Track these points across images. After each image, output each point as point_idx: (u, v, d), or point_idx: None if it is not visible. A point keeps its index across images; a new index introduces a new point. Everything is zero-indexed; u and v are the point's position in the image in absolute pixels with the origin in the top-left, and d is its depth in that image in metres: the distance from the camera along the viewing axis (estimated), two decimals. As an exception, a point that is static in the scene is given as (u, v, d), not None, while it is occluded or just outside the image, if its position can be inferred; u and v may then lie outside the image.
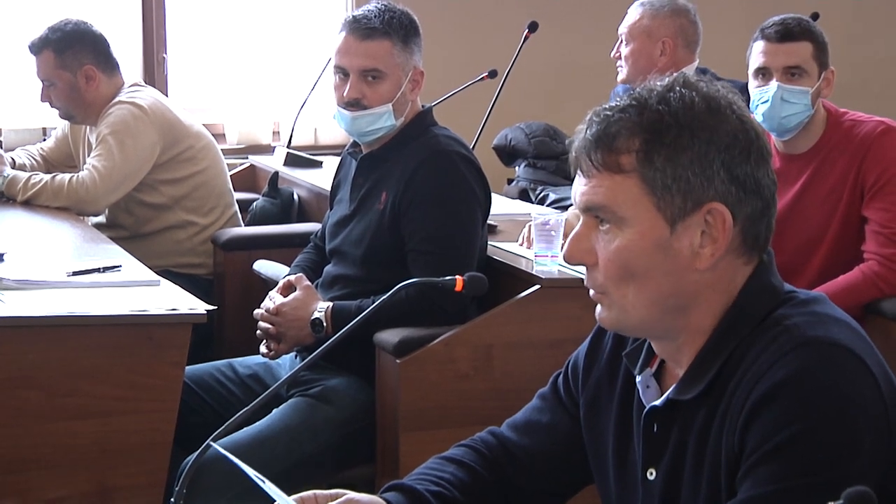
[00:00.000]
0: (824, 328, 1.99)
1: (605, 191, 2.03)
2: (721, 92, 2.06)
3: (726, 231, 2.02)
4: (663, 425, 2.10)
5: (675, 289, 2.04)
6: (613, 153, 2.02)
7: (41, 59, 5.09)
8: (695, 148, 2.01)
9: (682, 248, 2.02)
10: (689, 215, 2.01)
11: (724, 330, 2.05)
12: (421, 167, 3.86)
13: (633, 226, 2.02)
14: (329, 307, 3.82)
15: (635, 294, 2.04)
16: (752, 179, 2.04)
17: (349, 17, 3.97)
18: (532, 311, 3.80)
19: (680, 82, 2.05)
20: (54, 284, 3.78)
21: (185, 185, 5.16)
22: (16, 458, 3.41)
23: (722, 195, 2.01)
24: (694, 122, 2.01)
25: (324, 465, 3.68)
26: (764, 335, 2.01)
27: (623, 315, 2.07)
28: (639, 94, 2.05)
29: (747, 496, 1.92)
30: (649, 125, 2.01)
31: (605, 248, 2.04)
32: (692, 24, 5.32)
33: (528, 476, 2.33)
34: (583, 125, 2.06)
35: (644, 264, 2.02)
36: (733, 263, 2.05)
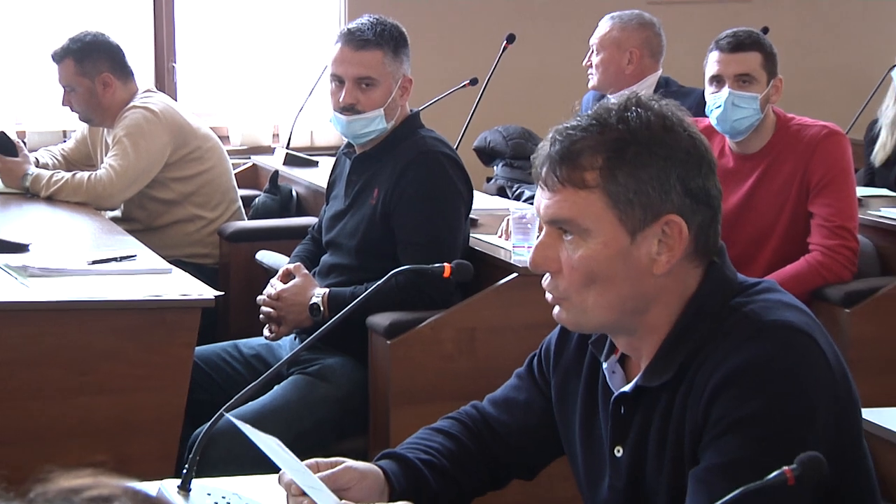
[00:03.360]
0: (778, 313, 2.01)
1: (571, 205, 2.02)
2: (672, 110, 2.06)
3: (682, 240, 2.02)
4: (630, 408, 2.10)
5: (634, 292, 2.04)
6: (578, 170, 2.01)
7: (62, 67, 5.10)
8: (654, 164, 2.01)
9: (640, 255, 2.02)
10: (648, 226, 2.01)
11: (683, 324, 2.05)
12: (409, 166, 3.87)
13: (597, 237, 2.02)
14: (326, 293, 3.83)
15: (595, 298, 2.04)
16: (703, 191, 2.04)
17: (344, 29, 3.98)
18: (510, 297, 3.81)
19: (634, 102, 2.05)
20: (75, 272, 3.79)
21: (194, 183, 5.16)
22: (40, 430, 3.43)
23: (678, 207, 2.02)
24: (652, 140, 2.02)
25: (321, 436, 3.69)
26: (724, 323, 2.02)
27: (582, 317, 2.07)
28: (598, 114, 2.04)
29: (710, 464, 1.94)
30: (611, 143, 2.01)
31: (570, 257, 2.04)
32: (657, 36, 5.34)
33: (506, 447, 2.34)
34: (546, 142, 2.06)
35: (605, 271, 2.02)
36: (686, 267, 2.05)
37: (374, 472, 2.20)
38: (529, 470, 2.38)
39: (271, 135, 6.77)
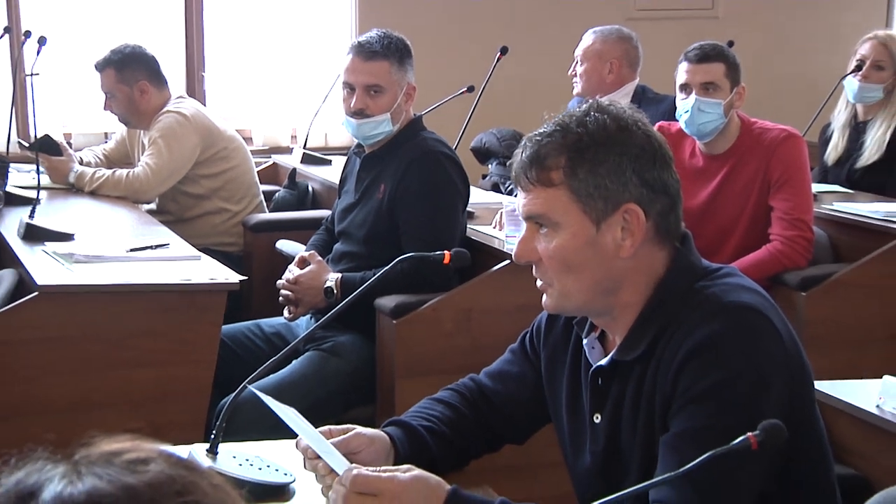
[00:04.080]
0: (737, 295, 2.02)
1: (542, 202, 2.04)
2: (628, 112, 2.08)
3: (641, 226, 2.04)
4: (606, 379, 2.11)
5: (605, 275, 2.05)
6: (545, 170, 2.03)
7: (104, 76, 5.10)
8: (610, 160, 2.02)
9: (606, 242, 2.04)
10: (610, 215, 2.03)
11: (653, 303, 2.06)
12: (413, 165, 3.87)
13: (566, 228, 2.04)
14: (338, 278, 3.83)
15: (573, 282, 2.05)
16: (660, 181, 2.06)
17: (355, 42, 3.98)
18: (503, 282, 3.80)
19: (594, 108, 2.07)
20: (115, 259, 3.79)
21: (220, 179, 5.16)
22: (83, 400, 3.43)
23: (636, 197, 2.03)
24: (607, 139, 2.03)
25: (334, 406, 3.69)
26: (688, 303, 2.03)
27: (565, 300, 2.08)
28: (561, 121, 2.06)
29: (679, 430, 1.95)
30: (572, 145, 2.03)
31: (546, 248, 2.06)
32: (634, 48, 5.35)
33: (500, 415, 2.34)
34: (519, 149, 2.08)
35: (578, 258, 2.04)
36: (651, 250, 2.07)
37: (381, 437, 2.20)
38: (521, 436, 2.39)
39: (289, 136, 6.77)
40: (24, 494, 0.95)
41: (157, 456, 1.00)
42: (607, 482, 2.04)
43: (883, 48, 5.20)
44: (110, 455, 0.99)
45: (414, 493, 1.91)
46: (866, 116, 5.28)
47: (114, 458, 0.99)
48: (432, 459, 2.18)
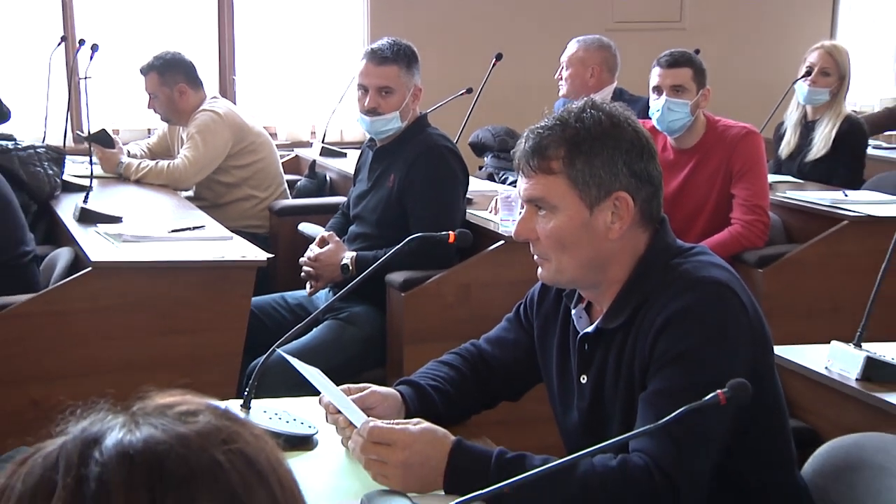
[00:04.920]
0: (707, 271, 2.02)
1: (542, 187, 2.04)
2: (619, 111, 2.08)
3: (629, 211, 2.04)
4: (592, 345, 2.11)
5: (596, 253, 2.05)
6: (546, 160, 2.03)
7: (148, 79, 5.10)
8: (604, 153, 2.02)
9: (598, 225, 2.04)
10: (603, 201, 2.03)
11: (635, 278, 2.07)
12: (419, 157, 3.87)
13: (563, 211, 2.04)
14: (353, 256, 3.82)
15: (567, 259, 2.06)
16: (646, 172, 2.06)
17: (368, 49, 3.97)
18: (499, 260, 3.81)
19: (590, 105, 2.07)
20: (158, 239, 3.80)
21: (249, 170, 5.16)
22: (131, 362, 3.44)
23: (625, 186, 2.04)
24: (602, 134, 2.03)
25: (350, 368, 3.68)
26: (665, 278, 2.03)
27: (559, 274, 2.09)
28: (561, 116, 2.06)
29: (656, 389, 1.95)
30: (570, 138, 2.03)
31: (544, 228, 2.06)
32: (613, 56, 5.34)
33: (497, 376, 2.34)
34: (522, 139, 2.08)
35: (572, 238, 2.04)
36: (635, 232, 2.07)
37: (393, 395, 2.21)
38: (515, 394, 2.39)
39: (310, 132, 6.77)
40: (88, 441, 0.95)
41: (205, 408, 1.00)
42: (592, 435, 2.04)
43: (829, 56, 5.21)
44: (164, 407, 0.99)
45: (423, 443, 1.92)
46: (814, 116, 5.28)
47: (167, 409, 0.99)
48: (438, 414, 2.18)
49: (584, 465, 1.88)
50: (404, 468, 1.90)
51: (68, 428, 0.97)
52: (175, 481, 0.92)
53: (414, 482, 1.90)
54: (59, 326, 3.42)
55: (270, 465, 0.98)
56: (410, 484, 1.90)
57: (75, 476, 0.92)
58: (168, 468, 0.93)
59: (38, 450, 0.96)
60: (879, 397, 2.43)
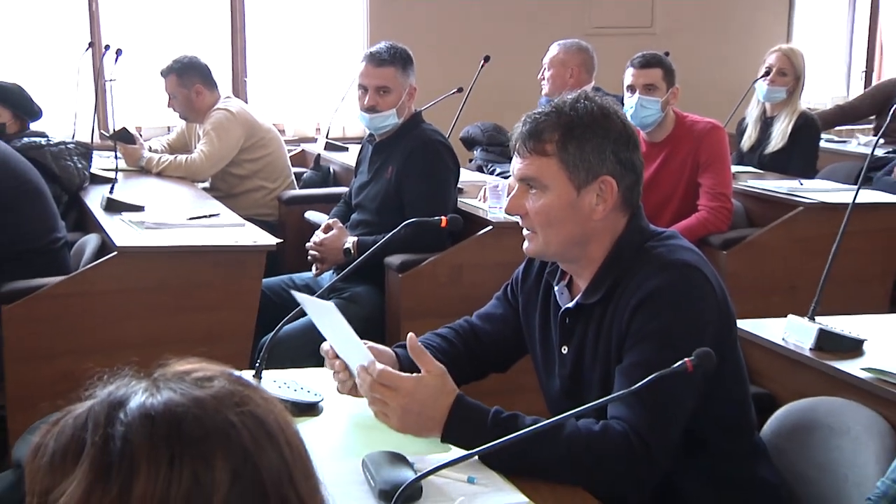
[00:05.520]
0: (678, 254, 2.02)
1: (535, 167, 2.03)
2: (610, 104, 2.08)
3: (613, 195, 2.04)
4: (573, 319, 2.11)
5: (579, 231, 2.05)
6: (541, 142, 2.03)
7: (168, 80, 5.08)
8: (594, 140, 2.02)
9: (584, 205, 2.03)
10: (590, 184, 2.03)
11: (612, 257, 2.06)
12: (415, 150, 3.86)
13: (553, 190, 2.03)
14: (355, 240, 3.82)
15: (553, 234, 2.05)
16: (630, 161, 2.05)
17: (368, 52, 3.97)
18: (487, 243, 3.81)
19: (583, 96, 2.07)
20: (177, 225, 3.79)
21: (260, 163, 5.14)
22: (153, 338, 3.43)
23: (611, 171, 2.03)
24: (594, 123, 2.02)
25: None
26: (640, 259, 2.03)
27: (544, 247, 2.08)
28: (557, 104, 2.06)
29: (631, 361, 1.95)
30: (564, 124, 2.02)
31: (534, 205, 2.05)
32: (591, 58, 5.33)
33: (486, 348, 2.33)
34: (519, 123, 2.07)
35: (559, 215, 2.03)
36: (616, 215, 2.06)
37: (388, 352, 2.21)
38: (503, 365, 2.38)
39: (315, 128, 6.75)
40: (114, 403, 0.95)
41: (220, 374, 1.00)
42: (573, 400, 2.04)
43: (786, 58, 5.22)
44: (182, 373, 1.00)
45: (426, 391, 1.92)
46: (773, 112, 5.28)
47: (185, 375, 0.99)
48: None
49: (569, 428, 1.88)
50: (402, 412, 1.90)
51: (96, 392, 0.98)
52: (192, 439, 0.93)
53: (410, 426, 1.91)
54: (88, 306, 3.42)
55: (279, 425, 0.98)
56: (407, 426, 1.91)
57: (102, 435, 0.93)
58: (186, 428, 0.93)
59: (68, 412, 0.97)
60: (831, 365, 2.44)
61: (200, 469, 0.91)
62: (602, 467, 1.87)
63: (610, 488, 1.86)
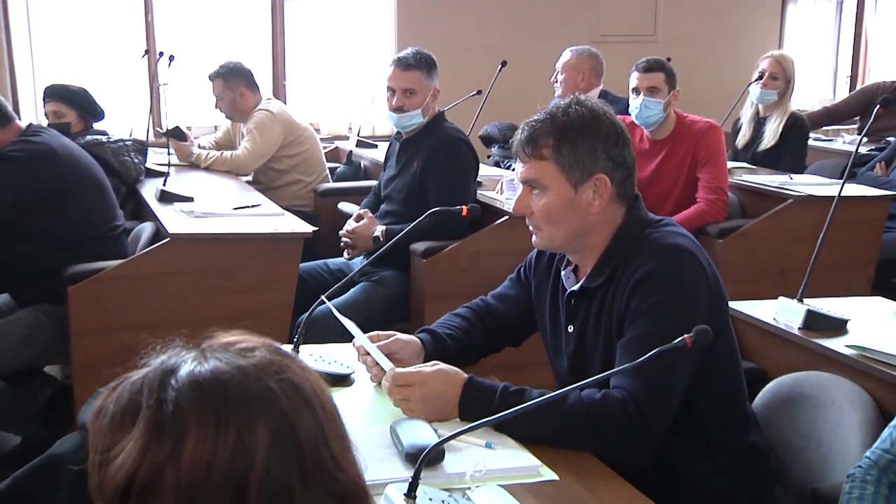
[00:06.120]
0: (672, 239, 2.02)
1: (535, 171, 2.04)
2: (599, 106, 2.07)
3: (608, 190, 2.03)
4: (578, 300, 2.11)
5: (580, 225, 2.05)
6: (538, 148, 2.03)
7: (215, 84, 5.09)
8: (586, 141, 2.02)
9: (581, 202, 2.03)
10: (585, 182, 2.02)
11: (613, 245, 2.06)
12: (438, 147, 3.85)
13: (552, 190, 2.03)
14: (384, 229, 3.82)
15: (556, 230, 2.06)
16: (621, 157, 2.05)
17: (395, 57, 3.96)
18: (503, 232, 3.80)
19: (575, 101, 2.06)
20: (223, 215, 3.80)
21: (297, 158, 5.14)
22: (201, 316, 3.45)
23: (604, 169, 2.03)
24: (584, 126, 2.02)
25: (380, 321, 3.64)
26: (638, 245, 2.03)
27: (550, 242, 2.09)
28: (551, 111, 2.06)
29: (631, 336, 1.95)
30: (558, 129, 2.02)
31: (537, 205, 2.05)
32: (600, 63, 5.30)
33: (501, 325, 2.34)
34: (518, 131, 2.08)
35: (560, 213, 2.04)
36: (612, 207, 2.06)
37: (414, 341, 2.21)
38: (516, 341, 2.38)
39: (347, 127, 6.75)
40: (167, 371, 0.96)
41: (261, 345, 1.01)
42: (578, 374, 2.05)
43: (777, 64, 5.18)
44: (227, 344, 1.00)
45: (437, 381, 1.93)
46: (765, 113, 5.26)
47: (230, 346, 1.00)
48: (451, 357, 2.18)
49: (573, 398, 1.88)
50: (423, 402, 1.91)
51: (150, 361, 0.99)
52: (236, 403, 0.93)
53: (433, 413, 1.91)
54: (143, 286, 3.43)
55: (314, 392, 0.98)
56: (430, 414, 1.91)
57: (156, 399, 0.94)
58: (230, 393, 0.94)
59: (126, 379, 0.98)
60: (817, 342, 2.43)
61: (244, 430, 0.92)
62: (602, 433, 1.86)
63: (611, 453, 1.85)
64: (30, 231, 3.39)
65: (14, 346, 3.39)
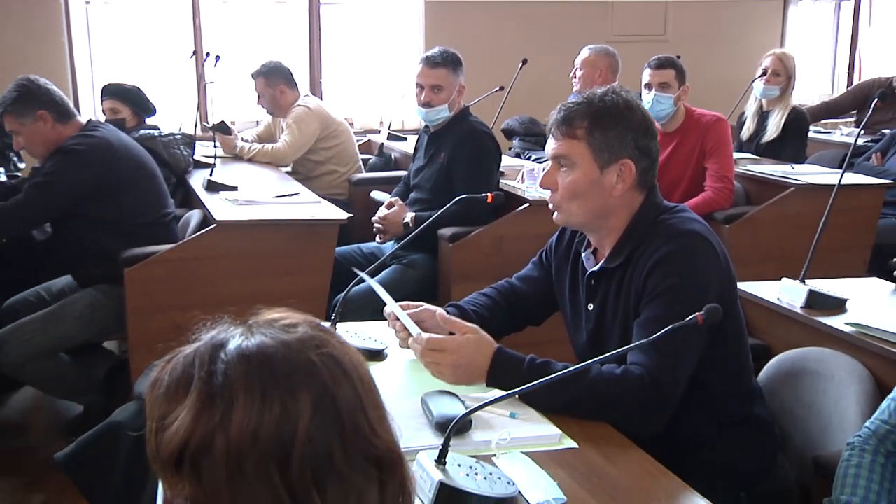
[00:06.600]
0: (687, 224, 1.99)
1: (566, 148, 2.01)
2: (633, 98, 2.05)
3: (631, 176, 2.01)
4: (597, 280, 2.09)
5: (600, 205, 2.02)
6: (572, 127, 2.00)
7: (257, 82, 5.10)
8: (618, 128, 1.99)
9: (605, 183, 2.00)
10: (611, 165, 2.00)
11: (630, 228, 2.04)
12: (464, 139, 3.84)
13: (579, 169, 2.00)
14: (413, 215, 3.81)
15: (577, 207, 2.03)
16: (647, 148, 2.02)
17: (424, 56, 3.95)
18: (524, 218, 3.79)
19: (612, 91, 2.04)
20: (265, 202, 3.80)
21: (333, 150, 5.14)
22: (243, 297, 3.44)
23: (631, 155, 2.00)
24: (618, 113, 1.99)
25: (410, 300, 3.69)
26: (654, 230, 2.00)
27: (570, 218, 2.06)
28: (589, 95, 2.03)
29: (647, 315, 1.93)
30: (593, 113, 1.99)
31: (563, 181, 2.02)
32: (616, 61, 5.25)
33: (524, 305, 2.32)
34: (555, 110, 2.05)
35: (583, 190, 2.01)
36: (632, 193, 2.03)
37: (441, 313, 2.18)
38: (538, 320, 2.36)
39: (378, 121, 6.73)
40: (216, 345, 0.96)
41: (304, 321, 1.01)
42: (597, 351, 2.03)
43: (779, 61, 5.14)
44: (272, 321, 1.00)
45: (469, 348, 1.91)
46: (768, 107, 5.22)
47: (274, 322, 0.99)
48: None
49: (594, 372, 1.87)
50: (454, 367, 1.90)
51: (201, 336, 0.99)
52: (280, 376, 0.93)
53: (462, 377, 1.90)
54: (192, 269, 3.45)
55: (353, 364, 0.98)
56: (459, 378, 1.90)
57: (207, 371, 0.93)
58: (275, 366, 0.93)
59: (179, 352, 0.98)
60: (818, 320, 2.41)
61: (288, 400, 0.92)
62: (621, 404, 1.85)
63: (628, 423, 1.84)
64: (90, 218, 3.42)
65: (76, 323, 3.43)
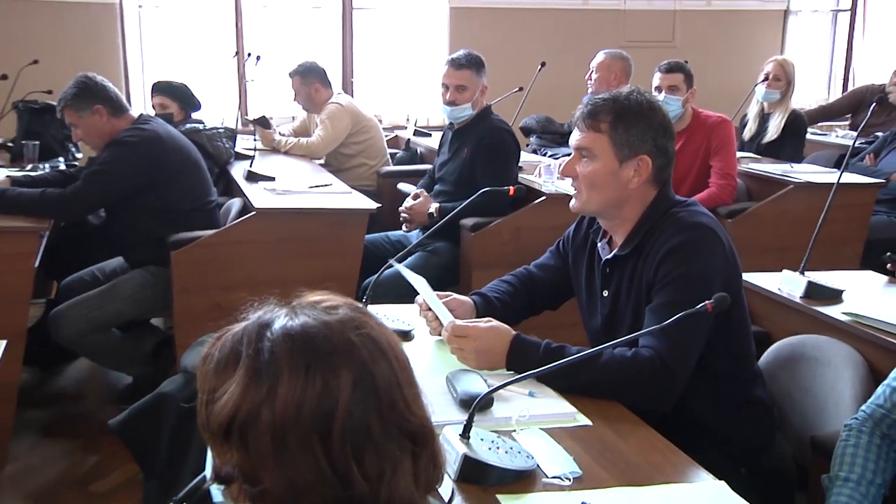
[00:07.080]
0: (697, 217, 1.98)
1: (590, 140, 1.99)
2: (655, 99, 2.03)
3: (648, 171, 1.99)
4: (611, 268, 2.08)
5: (616, 196, 2.01)
6: (596, 121, 1.98)
7: (294, 80, 5.09)
8: (640, 125, 1.97)
9: (623, 175, 1.98)
10: (630, 159, 1.98)
11: (643, 220, 2.02)
12: (485, 135, 3.82)
13: (600, 160, 1.99)
14: (438, 206, 3.80)
15: (595, 195, 2.01)
16: (664, 147, 2.01)
17: (449, 58, 3.95)
18: (542, 210, 3.77)
19: (637, 91, 2.02)
20: (300, 192, 3.80)
21: (363, 145, 5.12)
22: (279, 279, 3.44)
23: (649, 152, 1.98)
24: (641, 112, 1.98)
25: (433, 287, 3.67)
26: (665, 222, 1.98)
27: (586, 205, 2.04)
28: (615, 93, 2.01)
29: (658, 302, 1.91)
30: (617, 109, 1.97)
31: (583, 170, 2.01)
32: (630, 65, 5.18)
33: (541, 291, 2.30)
34: (582, 104, 2.03)
35: (602, 181, 1.99)
36: (647, 188, 2.01)
37: (468, 301, 2.19)
38: (554, 305, 2.34)
39: (406, 118, 6.72)
40: (263, 324, 0.96)
41: (344, 304, 1.00)
42: (610, 335, 2.02)
43: (780, 67, 5.10)
44: (314, 303, 0.99)
45: (490, 334, 1.91)
46: (769, 110, 5.17)
47: (316, 304, 0.99)
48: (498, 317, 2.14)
49: (607, 354, 1.85)
50: (476, 353, 1.89)
51: (248, 315, 0.98)
52: (322, 354, 0.93)
53: (484, 362, 1.90)
54: (233, 253, 3.45)
55: (389, 344, 0.98)
56: (482, 363, 1.89)
57: (254, 348, 0.93)
58: (317, 344, 0.93)
59: (228, 330, 0.98)
60: (816, 309, 2.39)
61: (329, 377, 0.91)
62: (632, 385, 1.84)
63: (638, 403, 1.82)
64: (141, 204, 3.44)
65: (127, 301, 3.45)
